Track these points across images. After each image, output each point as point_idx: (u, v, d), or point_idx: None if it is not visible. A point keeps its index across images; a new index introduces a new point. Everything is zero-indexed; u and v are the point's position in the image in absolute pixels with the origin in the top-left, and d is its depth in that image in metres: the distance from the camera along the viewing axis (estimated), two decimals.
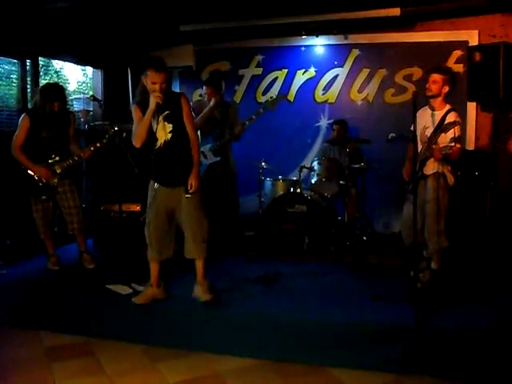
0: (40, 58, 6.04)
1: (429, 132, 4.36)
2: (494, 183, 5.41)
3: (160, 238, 4.09)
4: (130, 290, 4.34)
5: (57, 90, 4.84)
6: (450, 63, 6.25)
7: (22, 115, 4.85)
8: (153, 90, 3.81)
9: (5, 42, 5.36)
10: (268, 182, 6.24)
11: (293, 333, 3.77)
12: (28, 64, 5.81)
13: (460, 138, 4.26)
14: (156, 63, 3.84)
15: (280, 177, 6.27)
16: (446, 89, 4.36)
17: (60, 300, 4.34)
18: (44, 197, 4.83)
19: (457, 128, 4.13)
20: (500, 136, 5.86)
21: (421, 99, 4.35)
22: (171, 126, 3.96)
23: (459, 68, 6.21)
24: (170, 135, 3.97)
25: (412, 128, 4.48)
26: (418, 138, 4.41)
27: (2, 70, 5.78)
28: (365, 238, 6.17)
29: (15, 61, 5.74)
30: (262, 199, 6.17)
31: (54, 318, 4.27)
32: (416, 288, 3.85)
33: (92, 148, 4.87)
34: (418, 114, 4.28)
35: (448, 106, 4.38)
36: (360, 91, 6.79)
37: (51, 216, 5.03)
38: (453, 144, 4.15)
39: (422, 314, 3.64)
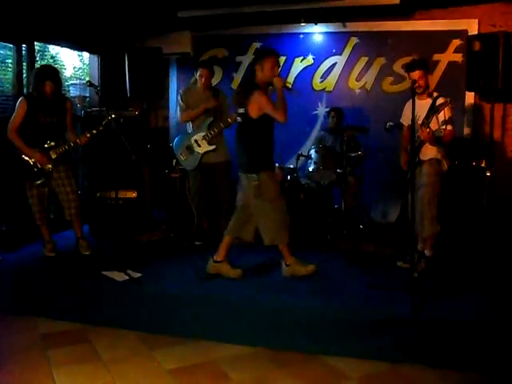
0: (36, 43, 5.97)
1: (420, 119, 4.40)
2: (491, 173, 5.40)
3: None
4: (126, 277, 4.33)
5: (48, 71, 4.80)
6: (449, 52, 6.26)
7: (20, 99, 4.81)
8: (275, 73, 4.22)
9: (0, 26, 5.30)
10: None
11: (289, 321, 3.78)
12: (24, 49, 5.74)
13: (451, 120, 4.36)
14: (276, 52, 4.33)
15: (277, 164, 6.22)
16: (430, 78, 4.48)
17: (56, 287, 4.33)
18: (38, 182, 4.81)
19: (447, 109, 4.25)
20: (498, 126, 5.88)
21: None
22: None
23: (458, 57, 6.20)
24: None
25: (402, 119, 4.61)
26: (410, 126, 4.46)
27: None
28: (361, 226, 6.17)
29: (11, 45, 5.67)
30: None
31: (49, 304, 4.27)
32: (412, 277, 3.85)
33: (88, 135, 4.82)
34: (408, 103, 4.36)
35: (435, 93, 4.47)
36: (358, 79, 6.76)
37: (47, 202, 5.01)
38: (444, 127, 4.24)
39: (418, 303, 3.65)
